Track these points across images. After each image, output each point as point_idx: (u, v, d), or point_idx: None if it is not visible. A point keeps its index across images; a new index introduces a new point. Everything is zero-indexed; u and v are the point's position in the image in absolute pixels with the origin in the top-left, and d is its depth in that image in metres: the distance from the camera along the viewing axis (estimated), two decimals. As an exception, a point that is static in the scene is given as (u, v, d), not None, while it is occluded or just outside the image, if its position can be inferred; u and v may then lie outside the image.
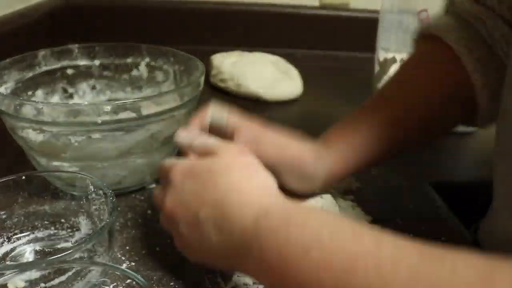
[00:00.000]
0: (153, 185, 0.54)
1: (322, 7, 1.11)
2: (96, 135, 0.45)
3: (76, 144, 0.45)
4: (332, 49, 1.12)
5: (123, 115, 0.44)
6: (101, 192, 0.41)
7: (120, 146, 0.47)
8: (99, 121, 0.44)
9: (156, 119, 0.47)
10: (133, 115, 0.45)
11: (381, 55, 0.76)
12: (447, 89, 0.46)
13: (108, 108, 0.44)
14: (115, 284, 0.32)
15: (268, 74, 0.83)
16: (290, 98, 0.82)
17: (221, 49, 0.94)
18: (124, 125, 0.45)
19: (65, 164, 0.47)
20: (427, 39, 0.48)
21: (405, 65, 0.50)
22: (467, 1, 0.46)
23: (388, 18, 0.74)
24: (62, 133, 0.45)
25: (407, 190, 0.55)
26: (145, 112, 0.45)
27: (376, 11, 0.78)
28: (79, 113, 0.43)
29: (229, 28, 1.09)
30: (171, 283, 0.40)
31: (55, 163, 0.48)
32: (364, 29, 1.07)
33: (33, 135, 0.45)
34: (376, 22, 0.78)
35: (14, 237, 0.43)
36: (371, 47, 0.82)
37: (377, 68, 0.78)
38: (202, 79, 0.53)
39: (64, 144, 0.45)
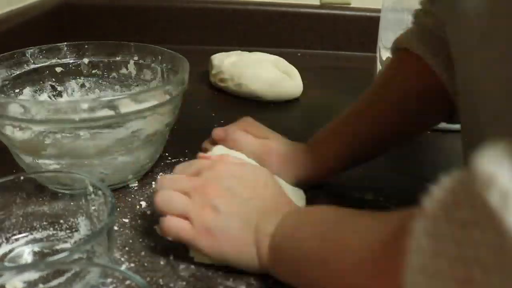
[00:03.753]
0: (136, 184, 0.54)
1: (323, 6, 1.11)
2: (74, 133, 0.45)
3: (55, 141, 0.45)
4: (332, 49, 1.12)
5: (101, 113, 0.44)
6: (100, 192, 0.41)
7: (99, 144, 0.46)
8: (76, 119, 0.44)
9: (135, 117, 0.47)
10: (111, 113, 0.45)
11: (384, 54, 0.75)
12: (419, 90, 0.50)
13: (85, 106, 0.43)
14: (114, 285, 0.31)
15: (268, 74, 0.83)
16: (290, 98, 0.82)
17: (221, 49, 0.94)
18: (102, 123, 0.45)
19: (49, 161, 0.47)
20: (398, 51, 0.53)
21: (379, 75, 0.55)
22: (422, 12, 0.51)
23: (388, 16, 0.74)
24: (41, 131, 0.44)
25: (407, 189, 0.55)
26: (123, 110, 0.45)
27: (377, 10, 0.78)
28: (57, 111, 0.43)
29: (229, 28, 1.09)
30: (171, 284, 0.39)
31: (40, 161, 0.47)
32: (365, 29, 1.07)
33: (14, 133, 0.45)
34: (376, 21, 0.78)
35: (12, 238, 0.43)
36: (372, 46, 0.82)
37: (379, 67, 0.77)
38: (186, 76, 0.53)
39: (43, 142, 0.45)
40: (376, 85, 0.55)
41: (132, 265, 0.42)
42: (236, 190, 0.41)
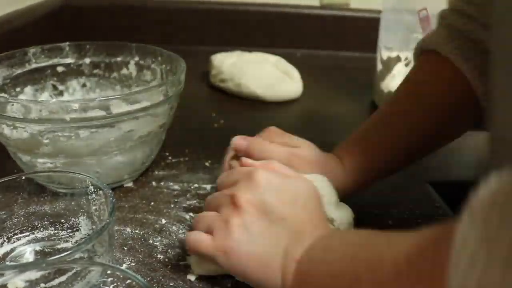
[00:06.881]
0: (131, 184, 0.54)
1: (322, 7, 1.11)
2: (65, 133, 0.45)
3: (48, 141, 0.45)
4: (332, 49, 1.12)
5: (92, 113, 0.44)
6: (101, 192, 0.41)
7: (91, 143, 0.47)
8: (67, 119, 0.44)
9: (127, 117, 0.47)
10: (103, 113, 0.45)
11: (384, 54, 0.76)
12: (452, 98, 0.47)
13: (76, 106, 0.44)
14: (115, 284, 0.32)
15: (268, 74, 0.83)
16: (290, 98, 0.82)
17: (221, 49, 0.94)
18: (93, 124, 0.45)
19: (44, 160, 0.48)
20: (426, 53, 0.50)
21: (408, 79, 0.51)
22: (454, 13, 0.48)
23: (388, 17, 0.75)
24: (34, 129, 0.45)
25: (406, 189, 0.55)
26: (116, 110, 0.45)
27: (376, 11, 0.78)
28: (49, 111, 0.43)
29: (229, 28, 1.09)
30: (171, 283, 0.40)
31: (35, 160, 0.48)
32: (364, 29, 1.07)
33: (8, 132, 0.46)
34: (376, 21, 0.78)
35: (14, 237, 0.43)
36: (371, 47, 0.82)
37: (379, 66, 0.78)
38: (182, 77, 0.53)
39: (37, 141, 0.45)
40: (404, 91, 0.51)
41: (133, 264, 0.42)
42: (271, 206, 0.37)
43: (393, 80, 0.74)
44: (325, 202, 0.43)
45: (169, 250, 0.44)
